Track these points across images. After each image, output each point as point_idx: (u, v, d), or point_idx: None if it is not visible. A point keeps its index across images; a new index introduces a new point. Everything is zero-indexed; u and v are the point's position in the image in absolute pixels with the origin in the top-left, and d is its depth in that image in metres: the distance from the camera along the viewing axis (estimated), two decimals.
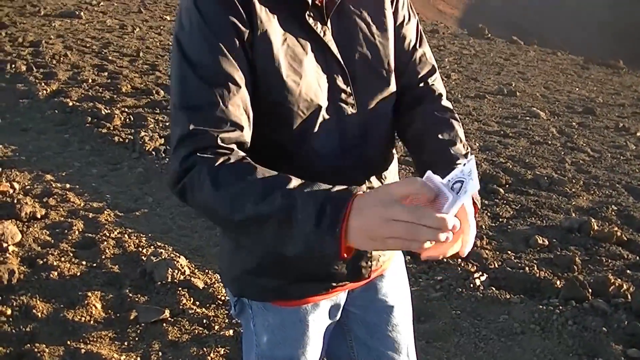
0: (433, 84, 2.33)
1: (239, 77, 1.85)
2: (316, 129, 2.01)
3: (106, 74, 11.56)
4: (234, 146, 1.82)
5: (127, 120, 9.03)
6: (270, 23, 1.90)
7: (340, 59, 2.04)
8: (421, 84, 2.31)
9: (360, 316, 2.44)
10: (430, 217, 1.46)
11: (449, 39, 22.87)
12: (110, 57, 12.84)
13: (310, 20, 1.97)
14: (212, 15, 1.85)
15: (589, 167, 8.79)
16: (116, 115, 8.97)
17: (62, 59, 12.20)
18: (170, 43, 14.56)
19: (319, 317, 2.29)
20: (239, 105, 1.85)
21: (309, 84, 1.97)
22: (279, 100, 1.94)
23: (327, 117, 2.02)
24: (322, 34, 2.00)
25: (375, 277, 2.35)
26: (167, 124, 8.92)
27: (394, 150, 2.32)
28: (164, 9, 20.11)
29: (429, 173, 1.55)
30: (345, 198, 1.57)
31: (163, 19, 18.29)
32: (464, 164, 1.58)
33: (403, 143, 2.31)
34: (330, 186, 1.63)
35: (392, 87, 2.20)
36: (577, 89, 16.01)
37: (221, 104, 1.81)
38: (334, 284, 2.23)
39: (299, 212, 1.60)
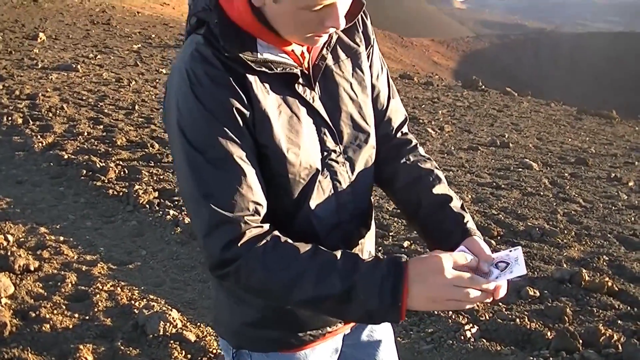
0: (407, 133, 2.45)
1: (248, 155, 1.93)
2: (314, 192, 2.10)
3: (102, 127, 11.60)
4: (261, 225, 1.93)
5: (122, 173, 9.06)
6: (266, 99, 1.96)
7: (329, 121, 2.11)
8: (397, 134, 2.42)
9: (349, 354, 2.51)
10: (485, 284, 1.82)
11: (443, 91, 23.03)
12: (105, 110, 12.90)
13: (300, 89, 2.05)
14: (211, 100, 1.89)
15: (580, 217, 8.82)
16: (111, 169, 9.00)
17: (58, 111, 12.26)
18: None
19: (317, 358, 2.36)
20: (255, 182, 1.93)
21: (307, 151, 2.05)
22: (280, 173, 2.02)
23: (322, 178, 2.11)
24: (311, 101, 2.07)
25: None
26: (162, 177, 8.98)
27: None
28: (160, 62, 20.25)
29: (463, 248, 1.97)
30: (400, 273, 1.81)
31: (159, 72, 18.41)
32: (511, 251, 1.95)
33: (386, 193, 2.44)
34: (374, 258, 1.88)
35: (374, 141, 2.28)
36: (570, 140, 16.10)
37: (239, 186, 1.89)
38: (329, 329, 2.31)
39: (360, 293, 1.81)
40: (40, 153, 9.78)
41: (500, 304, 5.85)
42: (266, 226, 1.94)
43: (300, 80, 2.05)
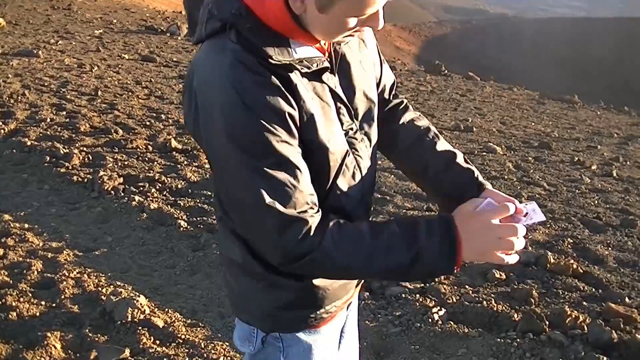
0: (397, 95, 2.57)
1: (299, 154, 1.97)
2: (342, 172, 2.16)
3: (64, 113, 11.48)
4: (319, 212, 2.01)
5: (86, 159, 8.98)
6: (308, 96, 1.99)
7: (345, 100, 2.16)
8: (391, 98, 2.54)
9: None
10: (522, 231, 1.98)
11: (406, 76, 23.04)
12: (68, 96, 12.76)
13: (326, 77, 2.09)
14: (264, 108, 1.89)
15: (545, 201, 8.89)
16: (75, 155, 8.92)
17: (19, 98, 12.11)
18: (129, 82, 14.63)
19: (337, 327, 2.52)
20: (308, 177, 1.98)
21: (338, 136, 2.11)
22: (323, 162, 2.08)
23: (347, 157, 2.16)
24: (334, 86, 2.12)
25: None
26: (127, 163, 8.92)
27: None
28: (122, 48, 20.06)
29: (490, 201, 2.06)
30: (453, 235, 1.96)
31: (121, 58, 18.25)
32: (526, 204, 2.13)
33: (389, 157, 2.58)
34: (424, 222, 2.00)
35: (377, 110, 2.36)
36: (533, 124, 16.20)
37: (299, 185, 1.94)
38: (346, 297, 2.42)
39: (425, 257, 1.96)
40: (3, 140, 9.66)
41: (467, 286, 5.90)
42: (320, 212, 2.01)
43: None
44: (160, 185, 8.07)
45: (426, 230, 1.97)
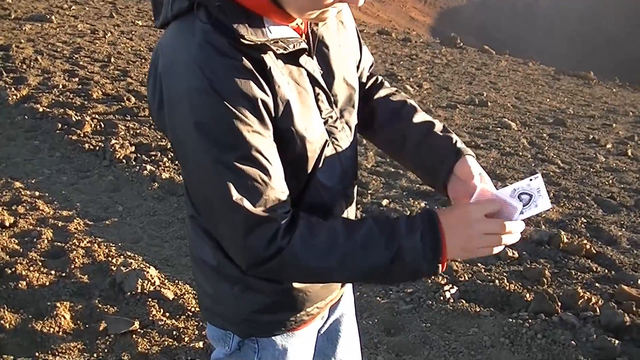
0: (372, 73, 2.47)
1: (272, 146, 1.84)
2: (321, 163, 2.03)
3: (77, 79, 11.45)
4: (290, 211, 1.88)
5: (98, 127, 8.95)
6: (283, 81, 1.86)
7: (325, 86, 2.04)
8: (368, 78, 2.43)
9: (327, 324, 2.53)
10: (514, 227, 1.85)
11: (421, 48, 22.92)
12: (81, 63, 12.73)
13: (303, 60, 1.96)
14: (235, 95, 1.75)
15: (559, 179, 8.84)
16: (87, 122, 8.89)
17: (32, 63, 12.07)
18: (142, 49, 14.57)
19: (314, 330, 2.39)
20: (281, 172, 1.86)
21: (317, 125, 1.99)
22: (300, 153, 1.94)
23: (326, 147, 2.04)
24: (312, 71, 1.98)
25: None
26: (139, 131, 8.89)
27: None
28: (136, 14, 20.00)
29: (481, 192, 1.92)
30: (436, 229, 1.85)
31: (135, 24, 18.19)
32: (531, 179, 1.90)
33: (367, 136, 2.46)
34: (404, 217, 1.90)
35: (357, 96, 2.24)
36: (548, 100, 16.09)
37: (270, 182, 1.81)
38: (330, 298, 2.32)
39: (406, 256, 1.85)
40: (15, 106, 9.64)
41: (479, 264, 5.86)
42: (291, 212, 1.89)
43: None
44: (172, 154, 8.01)
45: (407, 226, 1.87)
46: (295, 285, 2.11)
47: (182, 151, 1.85)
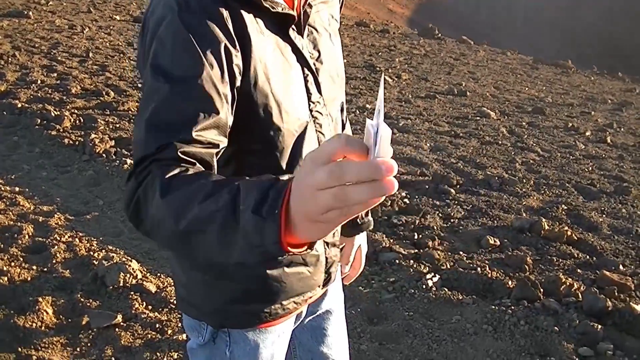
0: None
1: (221, 101, 1.69)
2: (304, 147, 1.97)
3: (55, 74, 11.42)
4: (196, 162, 1.62)
5: (77, 122, 8.92)
6: (262, 41, 1.81)
7: (315, 70, 2.02)
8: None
9: (305, 322, 2.46)
10: (355, 169, 1.11)
11: (399, 39, 22.93)
12: (59, 58, 12.68)
13: (292, 34, 1.93)
14: (199, 27, 1.70)
15: (539, 167, 8.87)
16: (66, 117, 8.86)
17: (10, 59, 12.04)
18: (120, 44, 14.51)
19: (288, 328, 2.32)
20: (214, 128, 1.68)
21: (298, 101, 1.95)
22: (275, 123, 1.86)
23: (309, 131, 1.99)
24: (301, 47, 1.96)
25: None
26: (118, 125, 8.86)
27: None
28: (114, 9, 19.92)
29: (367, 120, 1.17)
30: (288, 180, 1.29)
31: (113, 19, 18.12)
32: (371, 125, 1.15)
33: None
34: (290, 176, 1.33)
35: (343, 91, 2.24)
36: (526, 89, 16.12)
37: (195, 124, 1.63)
38: (310, 294, 2.25)
39: (242, 203, 1.34)
40: None
41: (461, 252, 5.88)
42: (199, 166, 1.63)
43: (293, 26, 1.94)
44: None
45: (267, 176, 1.36)
46: (269, 272, 2.06)
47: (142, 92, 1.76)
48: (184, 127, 1.63)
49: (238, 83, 1.76)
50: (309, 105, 2.00)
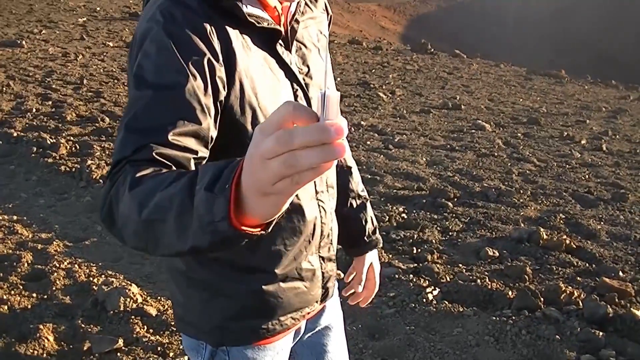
0: None
1: (203, 112, 1.69)
2: None
3: (50, 102, 11.42)
4: (172, 165, 1.59)
5: (73, 149, 8.93)
6: (248, 57, 1.83)
7: (305, 86, 2.03)
8: None
9: (305, 339, 2.45)
10: (303, 133, 1.07)
11: (392, 55, 23.00)
12: (54, 86, 12.69)
13: (279, 49, 1.95)
14: (182, 39, 1.72)
15: (535, 177, 8.89)
16: (62, 145, 8.86)
17: (4, 89, 12.05)
18: (114, 70, 14.54)
19: (287, 345, 2.30)
20: (193, 137, 1.67)
21: None
22: None
23: None
24: (289, 62, 1.98)
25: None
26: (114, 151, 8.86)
27: None
28: (107, 36, 19.96)
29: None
30: (238, 161, 1.24)
31: (106, 46, 18.15)
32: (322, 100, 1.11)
33: None
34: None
35: None
36: (521, 100, 16.17)
37: (174, 128, 1.63)
38: (308, 310, 2.26)
39: (197, 183, 1.30)
40: None
41: (460, 265, 5.89)
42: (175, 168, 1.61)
43: (281, 41, 1.96)
44: None
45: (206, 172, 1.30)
46: (265, 288, 2.07)
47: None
48: (162, 130, 1.62)
49: (222, 97, 1.77)
50: None
